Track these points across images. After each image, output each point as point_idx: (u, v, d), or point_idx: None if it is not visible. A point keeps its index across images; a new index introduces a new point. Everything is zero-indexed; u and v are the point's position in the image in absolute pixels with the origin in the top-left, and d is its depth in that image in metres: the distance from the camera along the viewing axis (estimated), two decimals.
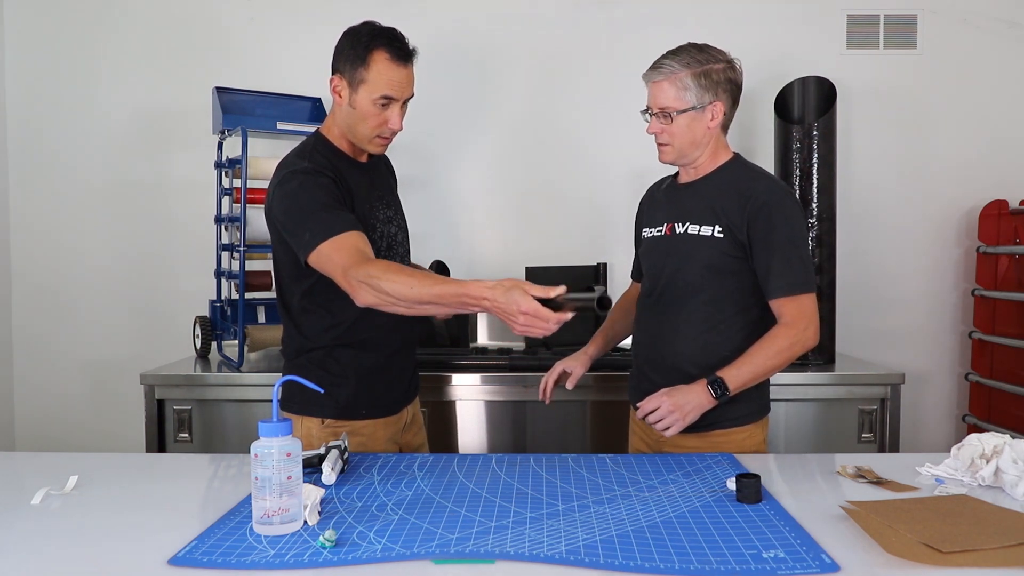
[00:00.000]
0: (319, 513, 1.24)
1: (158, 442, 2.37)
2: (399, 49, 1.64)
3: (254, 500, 1.17)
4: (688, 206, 1.75)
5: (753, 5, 2.92)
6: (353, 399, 1.72)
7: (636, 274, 2.00)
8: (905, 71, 2.93)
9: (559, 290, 1.36)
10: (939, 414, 3.00)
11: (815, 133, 2.55)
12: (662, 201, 1.85)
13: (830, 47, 2.92)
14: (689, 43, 1.72)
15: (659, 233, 1.80)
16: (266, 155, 2.74)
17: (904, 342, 2.94)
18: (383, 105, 1.64)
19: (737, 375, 1.63)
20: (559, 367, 1.93)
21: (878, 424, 2.38)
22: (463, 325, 2.65)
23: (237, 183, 2.49)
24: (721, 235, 1.68)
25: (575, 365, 1.92)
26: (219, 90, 2.60)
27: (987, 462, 1.40)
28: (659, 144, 1.75)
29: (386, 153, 1.81)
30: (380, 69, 1.62)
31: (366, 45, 1.63)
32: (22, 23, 2.94)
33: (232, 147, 2.59)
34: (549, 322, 1.36)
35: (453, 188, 2.98)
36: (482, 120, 2.96)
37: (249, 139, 2.44)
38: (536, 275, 2.60)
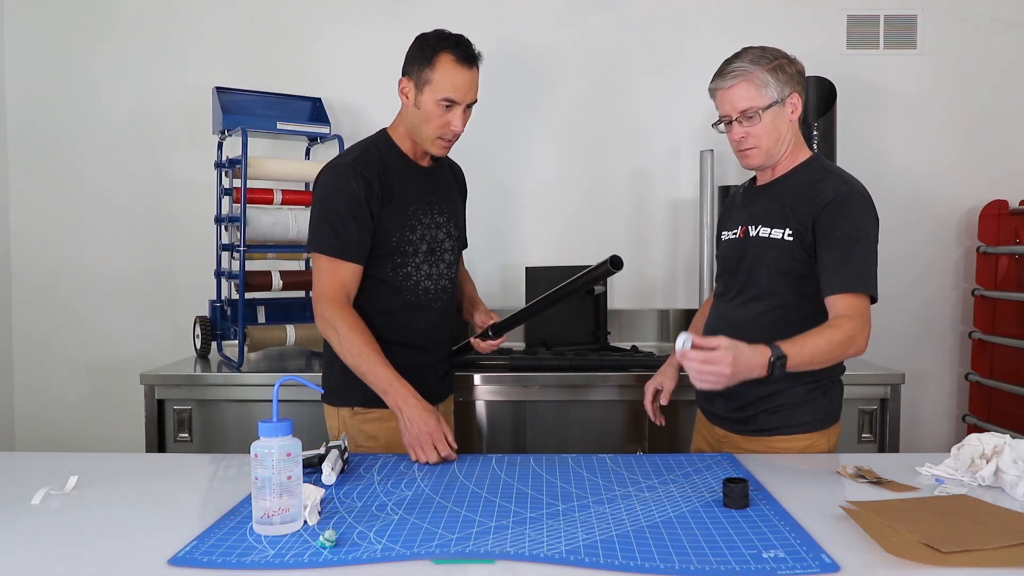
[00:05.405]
0: (319, 513, 1.24)
1: (158, 442, 2.37)
2: (464, 52, 1.70)
3: (254, 500, 1.17)
4: (762, 208, 1.73)
5: (753, 5, 2.92)
6: None
7: (719, 276, 1.97)
8: (905, 71, 2.93)
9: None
10: (939, 414, 3.00)
11: (815, 133, 2.55)
12: (739, 204, 1.83)
13: (830, 47, 2.92)
14: (742, 48, 1.67)
15: (734, 236, 1.78)
16: (266, 155, 2.75)
17: (904, 342, 2.93)
18: (446, 107, 1.70)
19: (798, 353, 1.47)
20: (650, 387, 1.89)
21: (878, 424, 2.37)
22: (463, 325, 2.64)
23: (237, 183, 2.48)
24: (791, 238, 1.65)
25: (664, 379, 1.88)
26: (219, 90, 2.60)
27: (987, 462, 1.40)
28: (744, 150, 1.69)
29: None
30: (444, 70, 1.68)
31: (433, 47, 1.69)
32: (22, 23, 2.94)
33: (232, 147, 2.59)
34: (432, 456, 1.56)
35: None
36: (482, 121, 2.95)
37: (249, 139, 2.44)
38: (536, 275, 2.60)
